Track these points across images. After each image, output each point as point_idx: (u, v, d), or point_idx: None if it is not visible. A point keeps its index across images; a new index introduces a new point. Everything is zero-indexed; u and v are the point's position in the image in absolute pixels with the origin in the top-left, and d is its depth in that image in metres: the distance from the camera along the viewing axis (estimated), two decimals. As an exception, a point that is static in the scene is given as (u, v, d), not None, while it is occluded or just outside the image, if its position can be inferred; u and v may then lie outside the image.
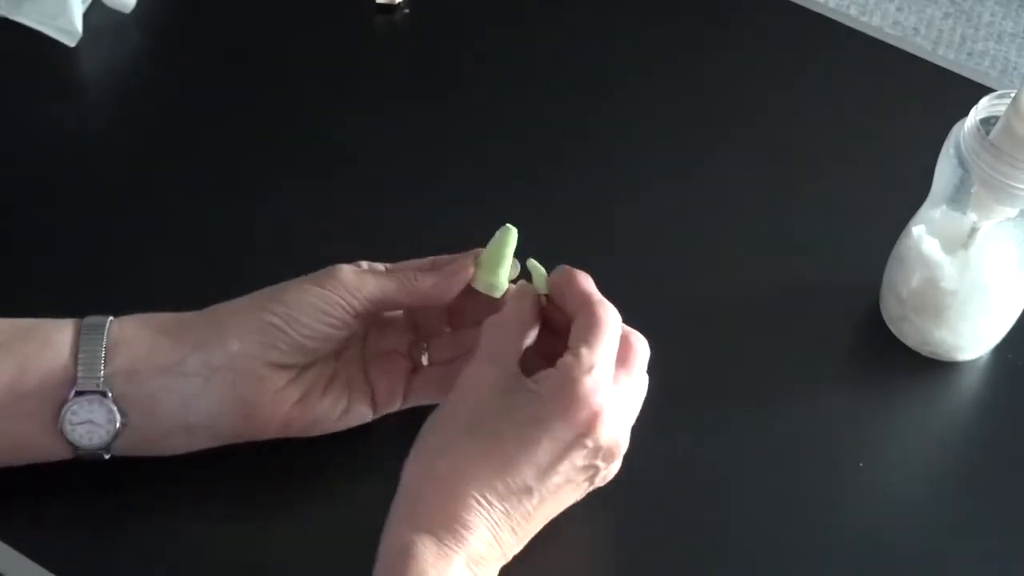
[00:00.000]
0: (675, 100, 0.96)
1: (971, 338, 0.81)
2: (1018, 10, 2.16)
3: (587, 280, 0.71)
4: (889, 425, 0.81)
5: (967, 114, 0.75)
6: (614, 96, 0.96)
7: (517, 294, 0.72)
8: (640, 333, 0.71)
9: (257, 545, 0.72)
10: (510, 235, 0.73)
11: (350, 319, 0.71)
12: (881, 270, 0.83)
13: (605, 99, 0.96)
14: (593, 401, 0.67)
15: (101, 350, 0.69)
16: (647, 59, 0.99)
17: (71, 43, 0.94)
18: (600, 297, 0.70)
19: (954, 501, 0.78)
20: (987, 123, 0.74)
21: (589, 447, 0.68)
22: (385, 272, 0.73)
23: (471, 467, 0.66)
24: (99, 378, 0.69)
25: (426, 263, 0.75)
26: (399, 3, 1.00)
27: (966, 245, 0.78)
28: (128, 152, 0.90)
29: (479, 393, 0.68)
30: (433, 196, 0.89)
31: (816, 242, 0.88)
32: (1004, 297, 0.79)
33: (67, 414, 0.69)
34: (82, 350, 0.69)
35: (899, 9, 2.15)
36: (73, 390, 0.68)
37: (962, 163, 0.75)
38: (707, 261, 0.87)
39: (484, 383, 0.68)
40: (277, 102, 0.94)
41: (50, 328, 0.70)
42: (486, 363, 0.69)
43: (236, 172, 0.90)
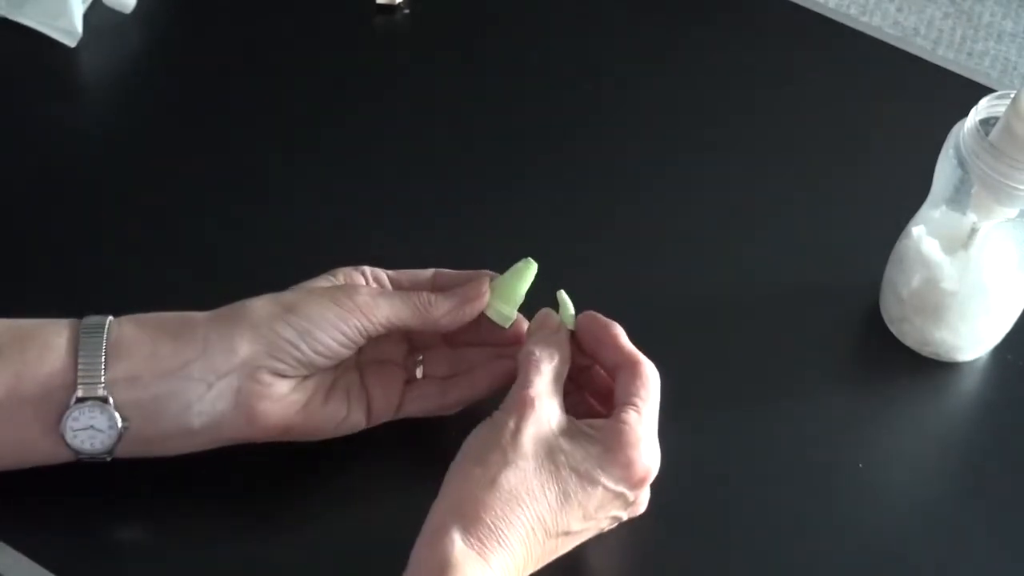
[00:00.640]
0: (675, 100, 0.96)
1: (971, 338, 0.81)
2: (1018, 10, 2.16)
3: (623, 334, 0.72)
4: (889, 425, 0.81)
5: (967, 114, 0.75)
6: (614, 96, 0.96)
7: (553, 328, 0.72)
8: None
9: (257, 545, 0.72)
10: (531, 270, 0.74)
11: (362, 340, 0.71)
12: (881, 270, 0.83)
13: (605, 99, 0.96)
14: (648, 462, 0.69)
15: (101, 354, 0.68)
16: (647, 59, 0.99)
17: (71, 43, 0.94)
18: (641, 354, 0.71)
19: (954, 501, 0.78)
20: (987, 124, 0.74)
21: (630, 501, 0.69)
22: (398, 295, 0.73)
23: (529, 494, 0.66)
24: (100, 384, 0.68)
25: (428, 275, 0.75)
26: (399, 3, 1.00)
27: (966, 245, 0.78)
28: (128, 152, 0.90)
29: (540, 427, 0.68)
30: (433, 196, 0.89)
31: (816, 242, 0.88)
32: (1004, 297, 0.79)
33: (68, 420, 0.68)
34: (82, 354, 0.68)
35: (899, 9, 2.15)
36: (74, 396, 0.68)
37: (962, 163, 0.75)
38: (707, 261, 0.87)
39: (543, 416, 0.68)
40: (277, 102, 0.94)
41: (49, 331, 0.69)
42: (546, 396, 0.69)
43: (236, 172, 0.89)
